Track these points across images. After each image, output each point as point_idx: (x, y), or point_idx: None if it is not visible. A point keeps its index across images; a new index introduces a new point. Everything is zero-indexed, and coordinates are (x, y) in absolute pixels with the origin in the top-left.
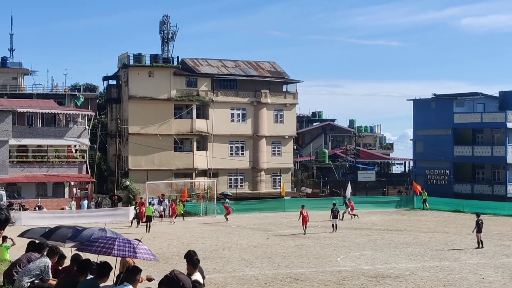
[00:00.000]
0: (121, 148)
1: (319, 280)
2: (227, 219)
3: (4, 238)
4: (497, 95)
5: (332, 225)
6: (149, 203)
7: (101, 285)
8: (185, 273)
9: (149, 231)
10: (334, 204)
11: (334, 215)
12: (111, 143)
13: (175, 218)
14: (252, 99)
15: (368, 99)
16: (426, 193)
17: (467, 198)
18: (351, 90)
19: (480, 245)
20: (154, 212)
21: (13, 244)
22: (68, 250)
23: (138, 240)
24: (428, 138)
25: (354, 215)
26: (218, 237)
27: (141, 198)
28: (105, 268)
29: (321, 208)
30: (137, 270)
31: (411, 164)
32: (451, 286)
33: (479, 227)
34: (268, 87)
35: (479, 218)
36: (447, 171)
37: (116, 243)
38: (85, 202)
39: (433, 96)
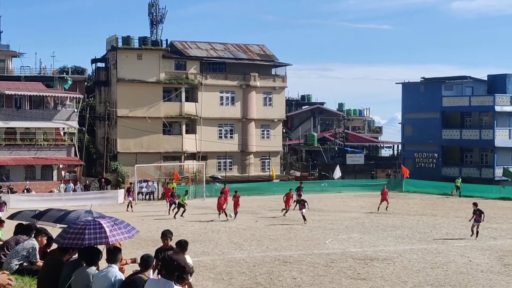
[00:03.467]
0: (110, 131)
1: (308, 262)
2: (236, 214)
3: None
4: (486, 78)
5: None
6: (140, 187)
7: (85, 266)
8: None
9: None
10: (301, 183)
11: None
12: (99, 126)
13: (170, 206)
14: (241, 82)
15: (358, 83)
16: (460, 180)
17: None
18: (341, 74)
19: (475, 235)
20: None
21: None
22: (57, 233)
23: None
24: (416, 121)
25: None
26: (208, 220)
27: (131, 183)
28: (93, 253)
29: (310, 191)
30: (117, 250)
31: (400, 148)
32: (438, 269)
33: (477, 216)
34: (257, 70)
35: (477, 207)
36: (435, 154)
37: (87, 231)
38: (71, 185)
39: (422, 79)
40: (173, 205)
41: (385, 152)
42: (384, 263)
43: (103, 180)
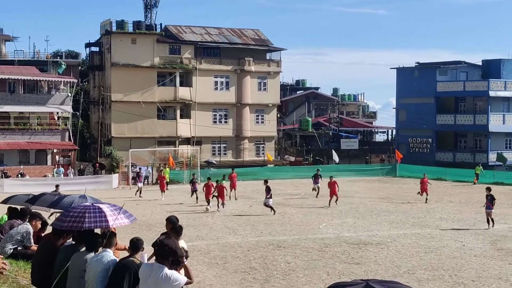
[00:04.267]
0: (104, 115)
1: (302, 247)
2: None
3: None
4: (480, 63)
5: (313, 188)
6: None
7: (82, 251)
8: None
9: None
10: (318, 170)
11: (315, 180)
12: (93, 111)
13: (164, 193)
14: (235, 67)
15: (353, 68)
16: (480, 167)
17: (449, 166)
18: (336, 59)
19: (491, 224)
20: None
21: None
22: (52, 217)
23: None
24: (411, 106)
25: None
26: (202, 205)
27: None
28: (96, 240)
29: (304, 177)
30: (112, 235)
31: (394, 133)
32: (432, 253)
33: (489, 202)
34: (252, 55)
35: (490, 192)
36: (430, 139)
37: (87, 215)
38: (61, 169)
39: (417, 64)
40: (195, 193)
41: (380, 137)
42: (378, 248)
43: (98, 164)
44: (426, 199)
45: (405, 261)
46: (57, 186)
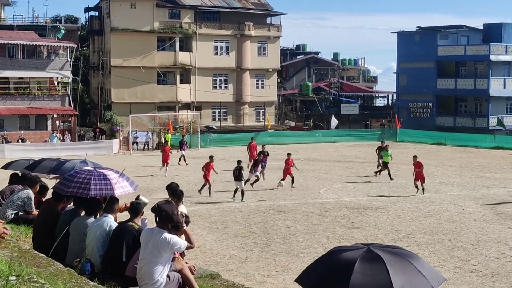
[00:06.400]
0: (104, 80)
1: (302, 211)
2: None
3: None
4: (481, 27)
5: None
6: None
7: (82, 215)
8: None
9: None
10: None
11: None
12: (93, 76)
13: (166, 166)
14: (235, 31)
15: (353, 32)
16: None
17: (449, 130)
18: (337, 23)
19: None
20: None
21: None
22: (52, 182)
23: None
24: (411, 71)
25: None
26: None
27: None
28: (95, 205)
29: (304, 142)
30: (115, 200)
31: (394, 97)
32: (431, 217)
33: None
34: (252, 20)
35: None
36: (430, 104)
37: (92, 181)
38: (54, 135)
39: (417, 28)
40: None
41: (380, 102)
42: (378, 212)
43: (98, 130)
44: (423, 189)
45: (404, 226)
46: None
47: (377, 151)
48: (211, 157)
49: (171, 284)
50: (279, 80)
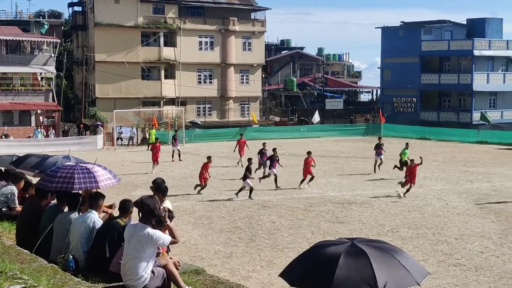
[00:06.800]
0: (88, 76)
1: (287, 206)
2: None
3: None
4: (465, 22)
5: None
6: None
7: (66, 211)
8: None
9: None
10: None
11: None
12: (77, 71)
13: (155, 165)
14: (220, 26)
15: (338, 27)
16: None
17: (433, 125)
18: (321, 18)
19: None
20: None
21: None
22: (37, 179)
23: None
24: (395, 66)
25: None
26: (187, 165)
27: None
28: (77, 200)
29: (289, 137)
30: (100, 196)
31: (379, 92)
32: (415, 212)
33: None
34: (236, 15)
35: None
36: (414, 99)
37: (76, 175)
38: (38, 130)
39: (401, 24)
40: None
41: (364, 97)
42: (362, 207)
43: (82, 125)
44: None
45: (389, 220)
46: None
47: (375, 148)
48: (208, 158)
49: (155, 280)
50: (263, 75)
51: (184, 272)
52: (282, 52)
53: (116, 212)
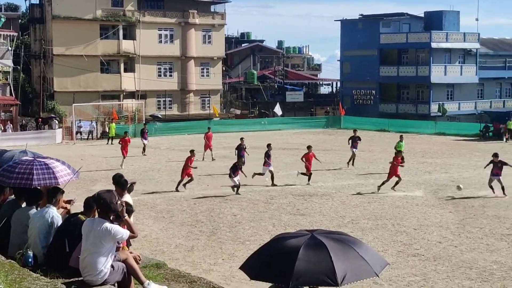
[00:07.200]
0: (46, 69)
1: (248, 199)
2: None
3: None
4: (422, 15)
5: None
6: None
7: (24, 206)
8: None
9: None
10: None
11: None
12: (35, 65)
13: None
14: (179, 19)
15: (298, 20)
16: None
17: (392, 117)
18: (282, 11)
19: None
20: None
21: None
22: None
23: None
24: (355, 58)
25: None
26: (147, 159)
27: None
28: (36, 195)
29: (250, 130)
30: (58, 191)
31: (339, 85)
32: (375, 203)
33: (496, 167)
34: (196, 7)
35: (496, 157)
36: (373, 91)
37: (35, 171)
38: None
39: (360, 16)
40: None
41: (324, 90)
42: (323, 199)
43: (40, 119)
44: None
45: (349, 211)
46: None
47: (349, 140)
48: (192, 151)
49: (115, 274)
50: (224, 68)
51: (145, 266)
52: (243, 45)
53: (75, 209)
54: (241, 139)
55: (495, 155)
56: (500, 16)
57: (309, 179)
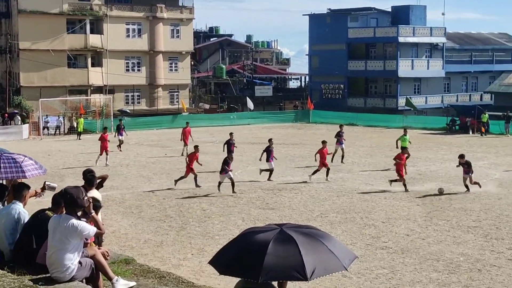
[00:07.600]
0: (12, 64)
1: (217, 194)
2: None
3: None
4: (390, 10)
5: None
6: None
7: None
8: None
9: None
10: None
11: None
12: (1, 60)
13: (107, 155)
14: (147, 13)
15: (267, 14)
16: (486, 115)
17: (360, 111)
18: (251, 5)
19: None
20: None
21: None
22: None
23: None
24: (323, 53)
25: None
26: (116, 154)
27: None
28: (1, 190)
29: (219, 124)
30: (24, 186)
31: (307, 79)
32: (344, 197)
33: (465, 167)
34: (164, 2)
35: (463, 158)
36: (342, 85)
37: (2, 165)
38: None
39: (328, 11)
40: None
41: (293, 84)
42: (292, 193)
43: (6, 115)
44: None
45: (318, 205)
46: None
47: (336, 136)
48: (196, 147)
49: (83, 270)
50: (192, 62)
51: (114, 262)
52: (211, 39)
53: (43, 205)
54: (231, 134)
55: (461, 156)
56: (466, 11)
57: (327, 174)
